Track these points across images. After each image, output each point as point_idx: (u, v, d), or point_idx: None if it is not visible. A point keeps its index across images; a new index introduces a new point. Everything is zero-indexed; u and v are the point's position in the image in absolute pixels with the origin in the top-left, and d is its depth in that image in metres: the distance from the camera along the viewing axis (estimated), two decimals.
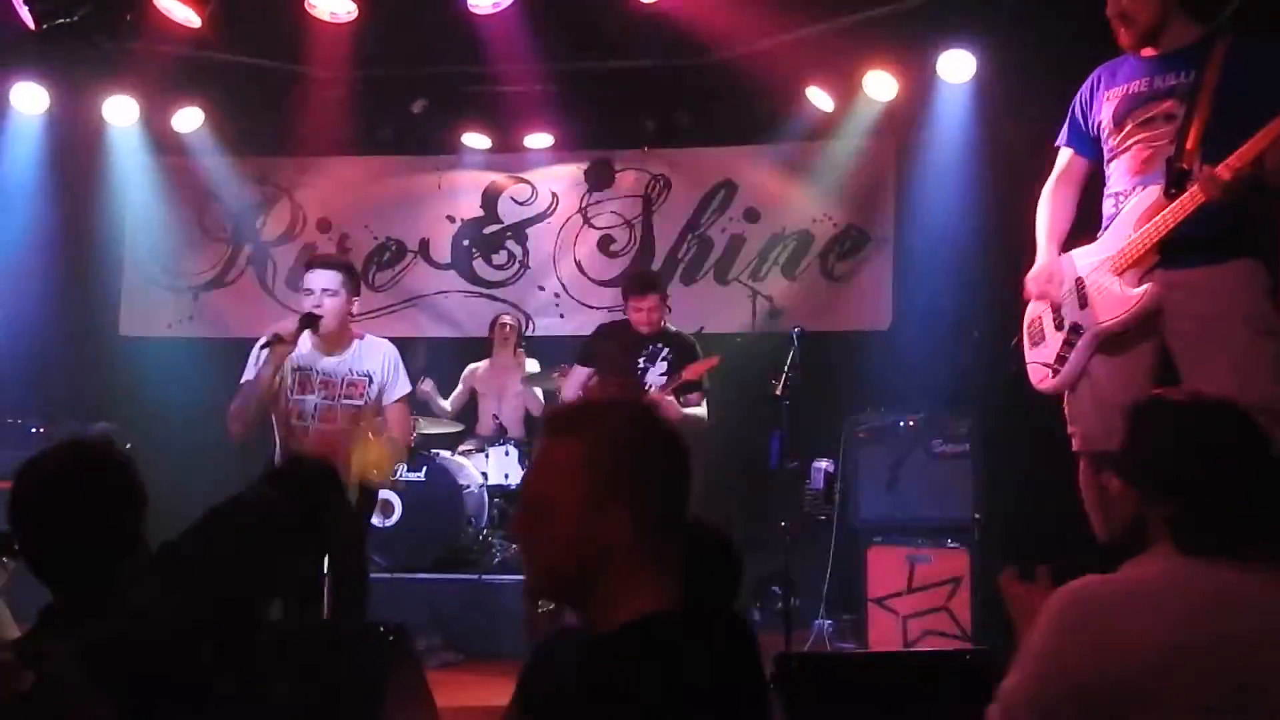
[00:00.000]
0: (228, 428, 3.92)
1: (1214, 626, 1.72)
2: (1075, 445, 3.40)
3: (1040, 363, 3.50)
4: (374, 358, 4.05)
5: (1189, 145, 3.14)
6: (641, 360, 5.21)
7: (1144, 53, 3.36)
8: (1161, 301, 3.21)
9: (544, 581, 1.68)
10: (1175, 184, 3.15)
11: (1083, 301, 3.39)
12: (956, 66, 5.74)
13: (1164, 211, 3.18)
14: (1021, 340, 3.63)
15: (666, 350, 5.22)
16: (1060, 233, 3.60)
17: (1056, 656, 1.78)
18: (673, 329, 5.35)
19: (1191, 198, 3.10)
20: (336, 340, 3.99)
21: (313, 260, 4.16)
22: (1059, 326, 3.46)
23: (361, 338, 4.12)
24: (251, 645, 2.03)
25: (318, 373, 3.97)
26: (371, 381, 4.02)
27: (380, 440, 3.82)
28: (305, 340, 3.91)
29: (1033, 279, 3.55)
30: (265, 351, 3.78)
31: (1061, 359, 3.41)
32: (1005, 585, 2.12)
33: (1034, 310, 3.61)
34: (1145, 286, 3.23)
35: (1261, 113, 3.02)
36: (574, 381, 5.42)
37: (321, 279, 3.94)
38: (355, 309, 4.08)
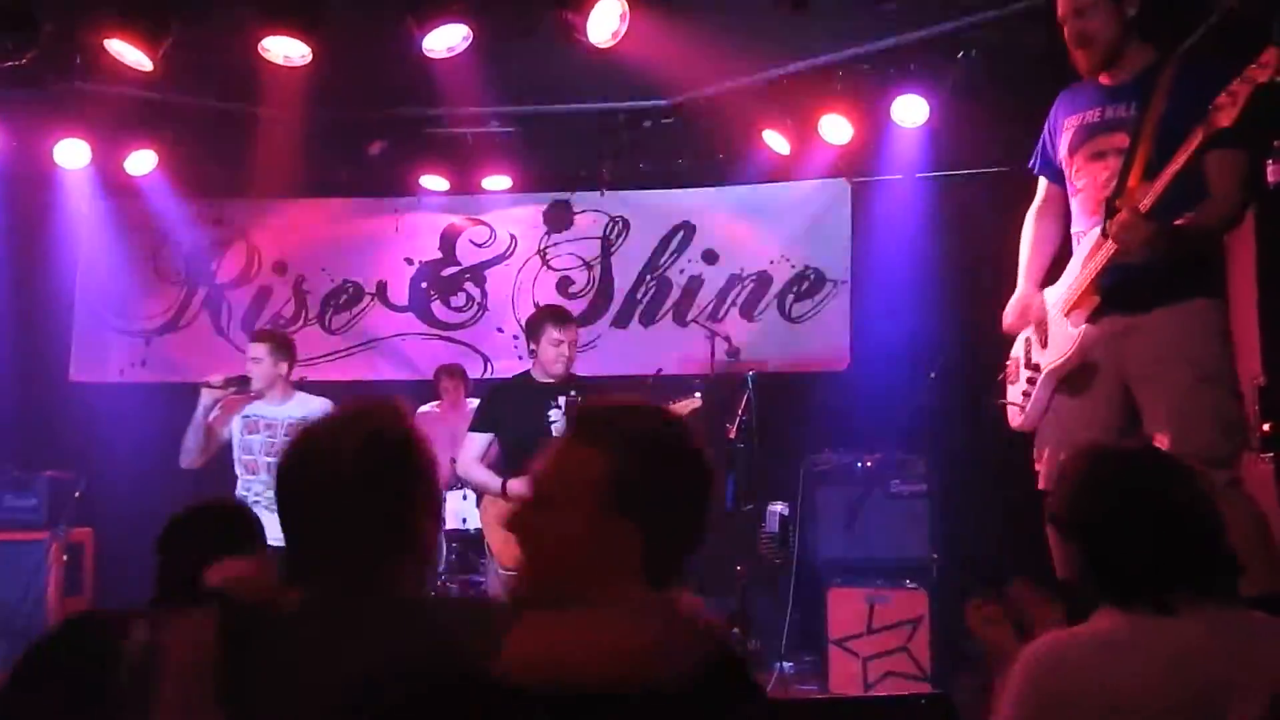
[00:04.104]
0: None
1: (1165, 680, 1.72)
2: (1040, 484, 3.37)
3: (1011, 401, 3.49)
4: (311, 405, 4.93)
5: (1130, 183, 3.08)
6: (553, 414, 4.62)
7: (1102, 79, 3.29)
8: (1104, 344, 3.18)
9: (531, 585, 1.56)
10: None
11: (1043, 341, 3.39)
12: (910, 111, 5.81)
13: (1099, 253, 3.15)
14: (1005, 378, 3.61)
15: (579, 398, 4.60)
16: (1040, 265, 3.54)
17: (1024, 716, 1.78)
18: (580, 373, 4.82)
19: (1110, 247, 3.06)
20: (278, 396, 4.98)
21: (251, 335, 5.31)
22: (1028, 365, 3.46)
23: (296, 392, 5.09)
24: None
25: (263, 418, 4.94)
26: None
27: None
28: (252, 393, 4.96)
29: (1008, 312, 3.52)
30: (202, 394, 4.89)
31: (1026, 397, 3.40)
32: (972, 623, 2.14)
33: (1015, 349, 3.58)
34: (1081, 328, 3.21)
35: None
36: (471, 451, 4.79)
37: (251, 350, 4.99)
38: (287, 371, 5.00)
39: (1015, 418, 3.47)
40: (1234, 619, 1.79)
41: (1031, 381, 3.40)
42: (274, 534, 4.66)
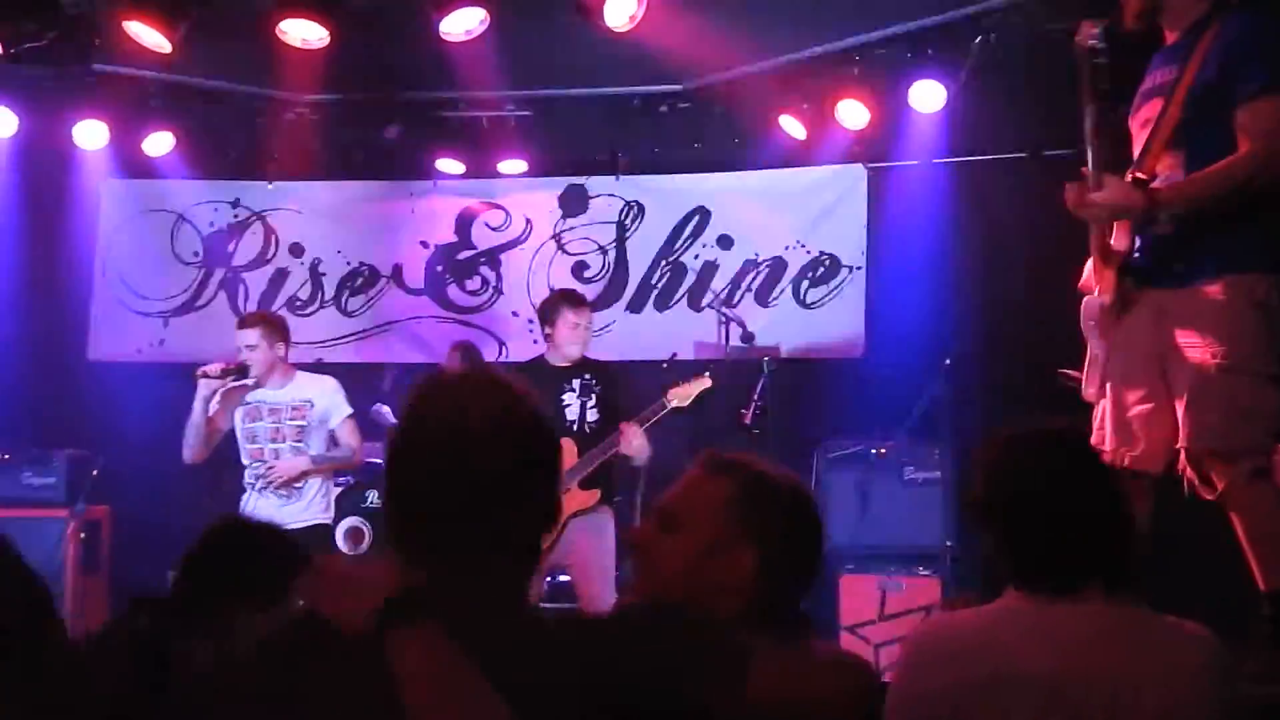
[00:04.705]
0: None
1: (1038, 664, 1.71)
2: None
3: (1076, 373, 3.34)
4: (314, 387, 4.81)
5: (1155, 147, 2.91)
6: (567, 397, 4.63)
7: (1167, 38, 3.07)
8: (1133, 320, 3.02)
9: (645, 594, 1.63)
10: None
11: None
12: (928, 96, 5.79)
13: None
14: None
15: (594, 380, 4.66)
16: None
17: (906, 694, 1.80)
18: (592, 357, 4.80)
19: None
20: (279, 379, 4.76)
21: (238, 322, 4.95)
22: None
23: (297, 373, 4.89)
24: None
25: (265, 404, 4.73)
26: (313, 406, 4.75)
27: None
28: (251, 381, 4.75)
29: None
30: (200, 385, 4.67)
31: (1082, 369, 3.26)
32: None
33: None
34: (1096, 302, 3.10)
35: (1227, 107, 2.80)
36: None
37: (243, 338, 4.72)
38: (284, 352, 4.78)
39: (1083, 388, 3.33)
40: (1136, 615, 1.78)
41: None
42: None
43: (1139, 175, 2.96)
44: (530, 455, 1.46)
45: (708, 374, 4.65)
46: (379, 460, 6.22)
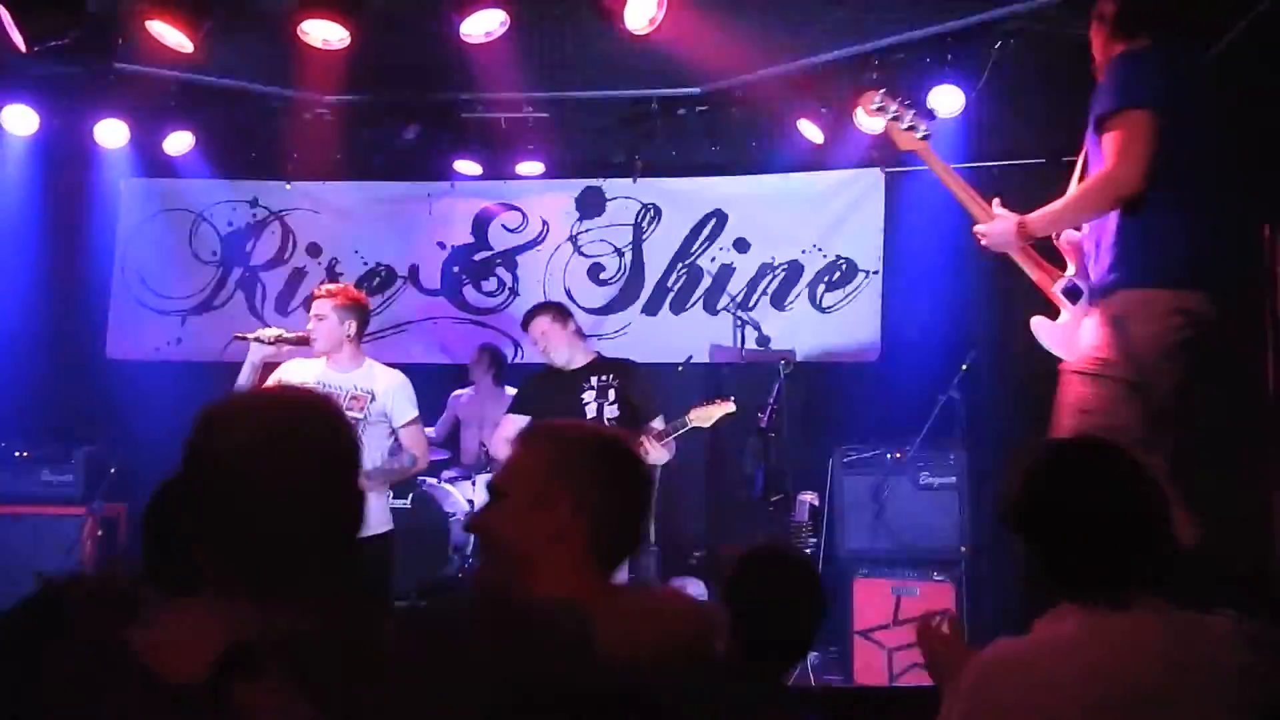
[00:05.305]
0: None
1: (1114, 680, 1.70)
2: None
3: None
4: (379, 380, 4.45)
5: (1073, 181, 3.33)
6: (585, 396, 4.76)
7: None
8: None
9: (488, 571, 1.84)
10: None
11: None
12: (946, 101, 5.77)
13: None
14: None
15: (610, 378, 4.77)
16: None
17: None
18: (608, 356, 4.92)
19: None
20: (345, 361, 4.43)
21: (314, 291, 4.66)
22: None
23: (368, 360, 4.55)
24: None
25: (325, 385, 4.33)
26: (374, 399, 4.40)
27: None
28: (320, 362, 4.44)
29: None
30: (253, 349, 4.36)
31: None
32: (920, 636, 2.13)
33: None
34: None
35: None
36: (504, 431, 4.89)
37: (314, 307, 4.43)
38: (354, 331, 4.44)
39: None
40: (1185, 617, 1.79)
41: None
42: None
43: None
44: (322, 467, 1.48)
45: (733, 399, 4.70)
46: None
